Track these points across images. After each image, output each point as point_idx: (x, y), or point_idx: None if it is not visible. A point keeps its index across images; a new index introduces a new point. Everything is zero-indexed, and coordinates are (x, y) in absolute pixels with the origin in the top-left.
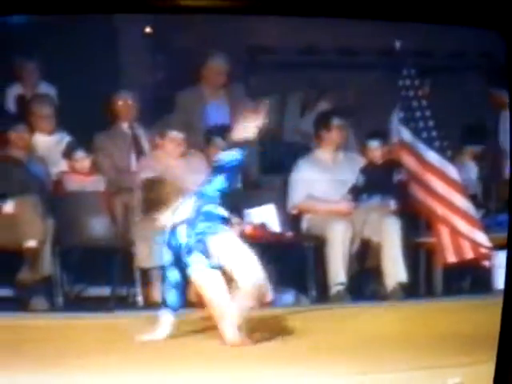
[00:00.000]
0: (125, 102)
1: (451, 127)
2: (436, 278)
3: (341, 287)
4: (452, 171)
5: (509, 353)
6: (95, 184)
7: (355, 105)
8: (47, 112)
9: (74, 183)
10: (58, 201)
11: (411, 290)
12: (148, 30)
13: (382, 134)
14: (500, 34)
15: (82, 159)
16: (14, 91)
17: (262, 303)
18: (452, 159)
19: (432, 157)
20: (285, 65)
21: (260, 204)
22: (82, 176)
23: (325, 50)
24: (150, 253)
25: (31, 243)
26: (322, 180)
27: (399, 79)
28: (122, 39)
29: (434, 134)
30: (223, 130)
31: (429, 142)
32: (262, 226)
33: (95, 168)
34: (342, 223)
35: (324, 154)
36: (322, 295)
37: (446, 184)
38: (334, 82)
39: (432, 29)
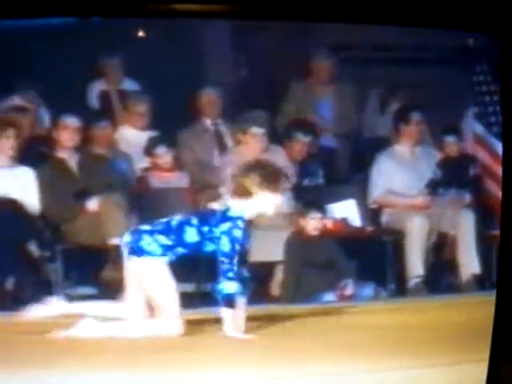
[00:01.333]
0: (209, 98)
1: None
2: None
3: (418, 280)
4: None
5: None
6: (178, 180)
7: (432, 100)
8: (142, 109)
9: (157, 180)
10: (142, 197)
11: (485, 283)
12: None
13: (458, 129)
14: (492, 36)
15: (164, 155)
16: (98, 87)
17: (343, 296)
18: None
19: None
20: (365, 61)
21: (341, 199)
22: (164, 172)
23: (402, 47)
24: None
25: (116, 240)
26: (400, 175)
27: (473, 75)
28: (206, 35)
29: None
30: (305, 126)
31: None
32: (343, 221)
33: (178, 164)
34: (420, 217)
35: (403, 148)
36: (401, 288)
37: None
38: (412, 77)
39: None
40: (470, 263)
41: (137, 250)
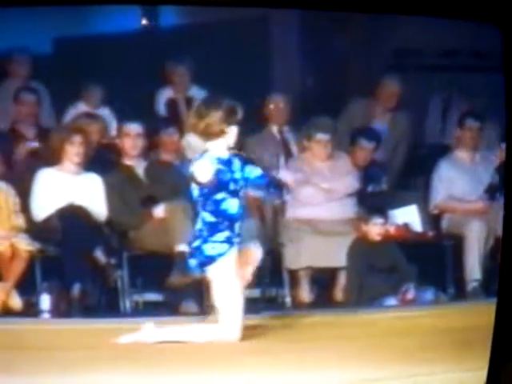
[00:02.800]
0: (276, 106)
1: None
2: None
3: (476, 284)
4: None
5: None
6: None
7: (491, 106)
8: None
9: None
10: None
11: None
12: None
13: None
14: (496, 27)
15: None
16: (165, 95)
17: (405, 300)
18: None
19: None
20: (428, 68)
21: (403, 204)
22: None
23: (464, 53)
24: (299, 254)
25: (182, 247)
26: (460, 180)
27: None
28: (274, 42)
29: None
30: (369, 132)
31: None
32: (405, 226)
33: None
34: (479, 222)
35: (462, 154)
36: (460, 292)
37: None
38: (473, 84)
39: None
40: None
41: (204, 261)
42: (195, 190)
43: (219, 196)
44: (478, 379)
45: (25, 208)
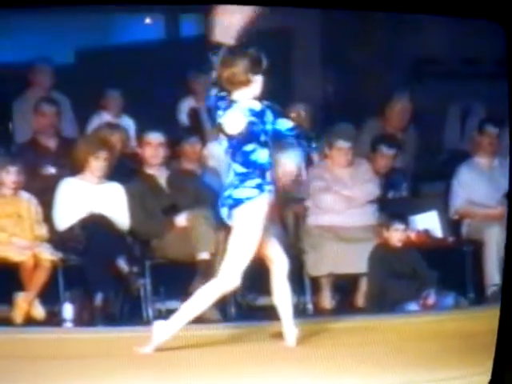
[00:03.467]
0: (298, 113)
1: None
2: None
3: (496, 288)
4: None
5: None
6: None
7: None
8: None
9: None
10: None
11: None
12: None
13: None
14: (500, 24)
15: None
16: (187, 104)
17: (426, 305)
18: None
19: None
20: (447, 75)
21: (424, 210)
22: None
23: (482, 61)
24: (320, 261)
25: (204, 255)
26: (480, 185)
27: None
28: (296, 53)
29: None
30: (389, 139)
31: None
32: (426, 232)
33: None
34: (498, 227)
35: (481, 160)
36: (480, 297)
37: None
38: (491, 90)
39: None
40: None
41: (232, 204)
42: (223, 142)
43: (249, 147)
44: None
45: (47, 218)
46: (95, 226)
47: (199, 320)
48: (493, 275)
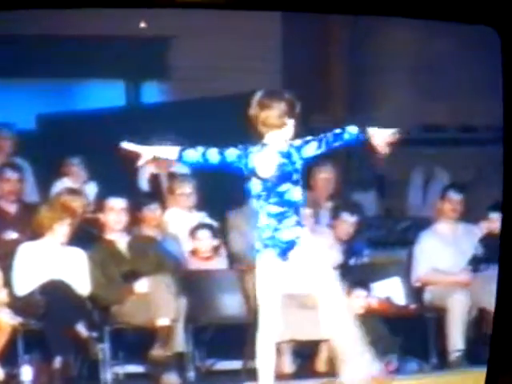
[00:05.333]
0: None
1: None
2: None
3: (460, 354)
4: None
5: None
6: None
7: (474, 178)
8: (187, 190)
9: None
10: (191, 278)
11: None
12: None
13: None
14: (496, 31)
15: (206, 239)
16: (148, 170)
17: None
18: None
19: None
20: (409, 141)
21: (386, 277)
22: (201, 260)
23: (446, 127)
24: (282, 327)
25: (164, 321)
26: (443, 252)
27: None
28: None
29: None
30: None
31: None
32: (388, 299)
33: (217, 251)
34: (462, 294)
35: (444, 226)
36: (443, 363)
37: None
38: (455, 157)
39: None
40: None
41: (286, 248)
42: (256, 186)
43: (283, 188)
44: None
45: (7, 282)
46: (55, 292)
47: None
48: (457, 341)
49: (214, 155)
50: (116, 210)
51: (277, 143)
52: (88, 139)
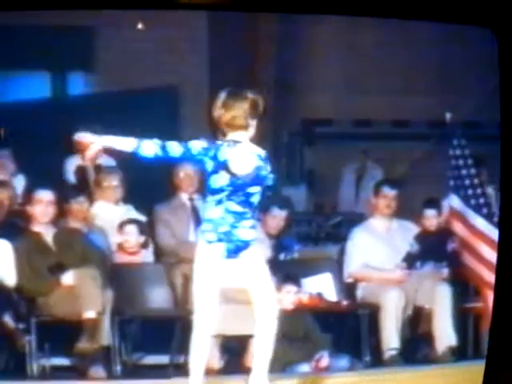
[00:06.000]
0: (186, 174)
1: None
2: (484, 340)
3: (394, 352)
4: None
5: None
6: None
7: (408, 174)
8: (114, 183)
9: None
10: (117, 271)
11: (460, 353)
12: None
13: (438, 203)
14: (492, 32)
15: (133, 235)
16: (74, 163)
17: (318, 368)
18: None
19: (480, 223)
20: (340, 136)
21: (317, 273)
22: (127, 255)
23: (379, 122)
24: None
25: (90, 314)
26: (376, 248)
27: (450, 148)
28: (183, 110)
29: (481, 200)
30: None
31: (477, 209)
32: (319, 295)
33: (143, 245)
34: (396, 291)
35: (378, 222)
36: (376, 360)
37: (493, 249)
38: (388, 152)
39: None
40: (445, 335)
41: (240, 246)
42: (223, 180)
43: (253, 189)
44: None
45: None
46: None
47: (85, 377)
48: (391, 339)
49: (175, 148)
50: (44, 202)
51: (254, 146)
52: (14, 131)
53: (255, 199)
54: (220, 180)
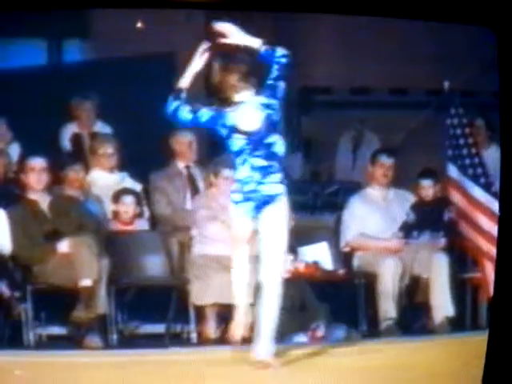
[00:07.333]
0: (183, 142)
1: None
2: (482, 311)
3: (391, 322)
4: (497, 207)
5: None
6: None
7: (405, 143)
8: (109, 150)
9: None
10: (113, 239)
11: (458, 324)
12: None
13: (434, 172)
14: (491, 30)
15: (129, 205)
16: (70, 130)
17: (315, 337)
18: (497, 195)
19: (478, 193)
20: (337, 104)
21: (313, 242)
22: (123, 225)
23: (376, 90)
24: (205, 290)
25: (86, 282)
26: (373, 217)
27: (448, 117)
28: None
29: (479, 170)
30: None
31: (475, 179)
32: (315, 264)
33: (138, 215)
34: (393, 260)
35: (375, 191)
36: (373, 330)
37: (491, 220)
38: (385, 120)
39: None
40: (442, 306)
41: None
42: (239, 141)
43: (271, 139)
44: None
45: None
46: None
47: (81, 346)
48: (388, 309)
49: (185, 113)
50: (36, 170)
51: (252, 99)
52: (9, 99)
53: (278, 148)
54: (237, 142)
